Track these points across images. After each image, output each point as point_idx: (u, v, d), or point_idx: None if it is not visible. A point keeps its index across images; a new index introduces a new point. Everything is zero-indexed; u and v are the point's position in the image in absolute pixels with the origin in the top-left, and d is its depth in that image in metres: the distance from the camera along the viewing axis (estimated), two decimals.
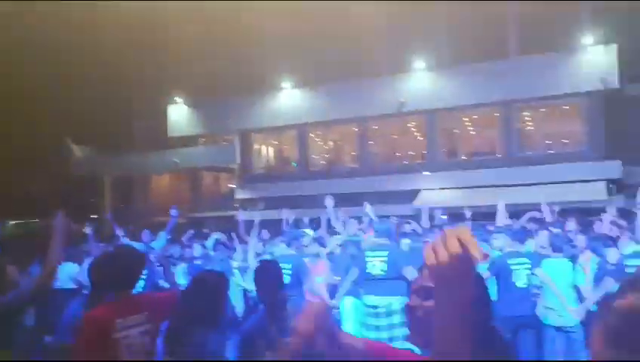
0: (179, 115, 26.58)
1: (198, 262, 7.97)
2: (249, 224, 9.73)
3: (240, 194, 25.13)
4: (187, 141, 27.11)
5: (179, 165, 26.21)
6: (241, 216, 10.06)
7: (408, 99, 21.89)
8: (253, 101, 24.52)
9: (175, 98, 26.37)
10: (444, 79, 21.62)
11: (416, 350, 1.68)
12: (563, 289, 5.95)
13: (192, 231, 10.46)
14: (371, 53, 22.41)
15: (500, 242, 6.35)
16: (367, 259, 6.44)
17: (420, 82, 21.96)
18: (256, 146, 26.75)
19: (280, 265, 6.64)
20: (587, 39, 19.54)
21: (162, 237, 8.13)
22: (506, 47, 21.37)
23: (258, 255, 7.71)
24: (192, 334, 2.80)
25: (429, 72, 21.90)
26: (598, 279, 6.04)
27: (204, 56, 24.80)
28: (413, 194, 21.17)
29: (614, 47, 19.09)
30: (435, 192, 21.02)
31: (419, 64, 21.91)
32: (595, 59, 19.45)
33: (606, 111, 19.79)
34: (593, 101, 19.99)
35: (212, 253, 8.13)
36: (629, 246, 6.29)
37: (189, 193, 28.59)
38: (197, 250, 8.34)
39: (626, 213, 11.95)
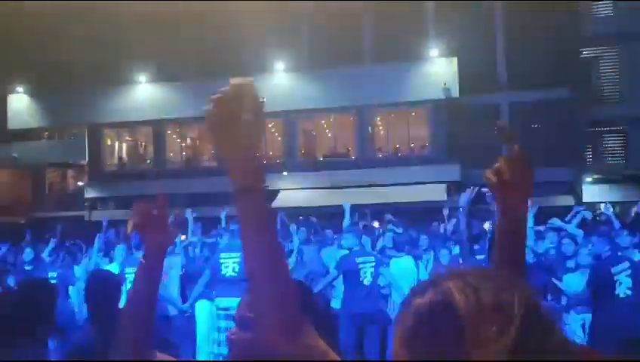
0: (20, 105, 24.35)
1: (28, 267, 7.36)
2: (99, 225, 9.21)
3: (90, 193, 23.65)
4: (29, 134, 24.93)
5: (17, 161, 24.01)
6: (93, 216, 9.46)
7: (267, 99, 22.02)
8: (104, 94, 23.19)
9: (16, 87, 24.14)
10: (303, 82, 22.13)
11: None
12: (407, 287, 6.40)
13: (28, 234, 9.56)
14: (231, 52, 22.24)
15: (349, 242, 6.63)
16: (221, 261, 6.41)
17: (280, 84, 22.26)
18: (107, 142, 25.32)
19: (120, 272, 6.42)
20: (433, 51, 21.12)
21: None
22: (362, 54, 22.37)
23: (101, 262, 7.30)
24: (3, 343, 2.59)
25: (287, 73, 22.27)
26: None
27: (51, 43, 22.94)
28: (273, 194, 21.39)
29: (455, 60, 20.85)
30: (294, 193, 21.43)
31: (278, 65, 22.20)
32: (438, 70, 21.09)
33: (447, 118, 21.52)
34: (436, 109, 21.64)
35: (47, 258, 7.57)
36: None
37: (30, 191, 26.28)
38: (28, 254, 7.67)
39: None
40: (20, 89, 24.18)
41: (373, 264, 6.34)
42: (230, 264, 6.37)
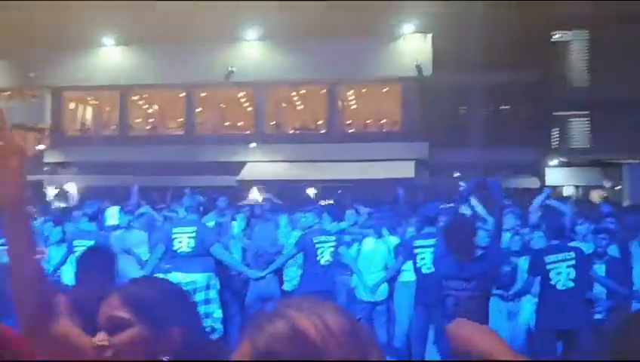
0: None
1: None
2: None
3: (50, 158, 22.98)
4: None
5: None
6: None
7: (238, 68, 21.64)
8: (67, 55, 22.39)
9: None
10: (274, 52, 21.72)
11: None
12: (374, 266, 6.35)
13: None
14: (203, 18, 21.60)
15: (309, 220, 6.51)
16: (174, 236, 6.22)
17: (251, 53, 21.83)
18: (70, 105, 24.54)
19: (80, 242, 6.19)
20: (407, 27, 20.89)
21: None
22: (336, 27, 21.97)
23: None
24: None
25: (260, 42, 21.83)
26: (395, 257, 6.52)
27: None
28: (240, 166, 21.13)
29: (429, 36, 20.70)
30: (261, 165, 21.19)
31: (251, 34, 21.73)
32: (413, 47, 20.91)
33: (419, 96, 21.44)
34: (408, 86, 21.52)
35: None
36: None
37: None
38: None
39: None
40: None
41: (333, 244, 6.22)
42: (185, 239, 6.18)
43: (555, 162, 21.16)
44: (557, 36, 21.15)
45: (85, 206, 6.74)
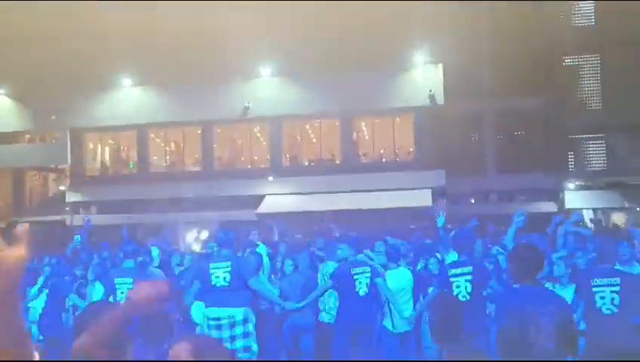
0: (1, 107, 23.98)
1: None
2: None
3: (72, 198, 23.32)
4: (10, 137, 24.53)
5: None
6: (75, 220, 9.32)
7: (254, 104, 22.03)
8: (88, 97, 22.94)
9: None
10: (289, 87, 22.11)
11: None
12: (403, 297, 6.39)
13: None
14: (218, 56, 22.12)
15: (345, 251, 6.52)
16: (211, 271, 6.33)
17: (266, 88, 22.23)
18: (90, 146, 25.01)
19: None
20: (418, 58, 21.22)
21: None
22: (347, 60, 22.39)
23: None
24: None
25: (274, 78, 22.25)
26: (423, 288, 6.59)
27: (35, 45, 22.59)
28: (258, 199, 21.32)
29: (441, 66, 20.99)
30: (279, 198, 21.37)
31: (265, 71, 22.19)
32: (424, 77, 21.19)
33: (433, 125, 21.64)
34: (422, 115, 21.73)
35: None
36: (451, 255, 6.89)
37: (11, 195, 25.83)
38: None
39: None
40: (1, 90, 23.80)
41: (368, 274, 6.26)
42: (221, 274, 6.29)
43: (572, 185, 21.14)
44: (569, 60, 21.36)
45: (124, 245, 6.90)
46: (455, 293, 5.41)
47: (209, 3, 20.37)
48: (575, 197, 21.05)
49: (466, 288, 5.44)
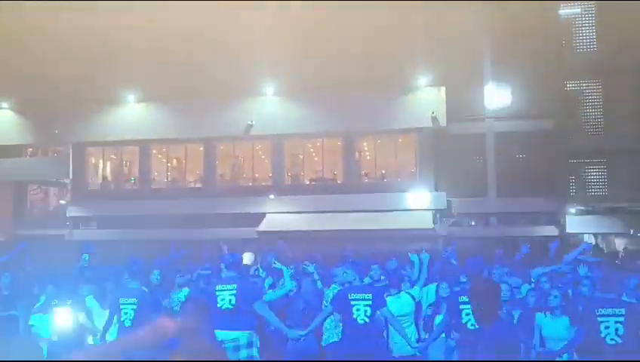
0: (4, 121, 24.06)
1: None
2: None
3: (72, 212, 23.29)
4: (12, 150, 24.58)
5: None
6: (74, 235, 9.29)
7: (256, 122, 22.12)
8: (90, 112, 23.04)
9: (1, 103, 23.87)
10: (291, 106, 22.22)
11: None
12: (404, 322, 6.35)
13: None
14: (220, 74, 22.27)
15: (349, 276, 6.42)
16: (217, 293, 6.30)
17: (269, 107, 22.33)
18: (92, 160, 25.04)
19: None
20: (421, 80, 21.37)
21: None
22: (350, 81, 22.54)
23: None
24: None
25: (277, 97, 22.37)
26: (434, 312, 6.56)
27: (38, 60, 22.73)
28: (259, 217, 21.30)
29: (443, 88, 21.12)
30: (280, 216, 21.35)
31: (268, 89, 22.32)
32: (427, 98, 21.32)
33: (435, 146, 21.69)
34: (424, 137, 21.80)
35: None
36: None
37: (12, 209, 25.77)
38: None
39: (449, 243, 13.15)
40: (4, 104, 23.89)
41: (369, 303, 6.08)
42: (226, 296, 6.26)
43: (573, 210, 21.13)
44: (571, 85, 21.49)
45: (130, 263, 6.88)
46: (464, 321, 5.38)
47: (213, 22, 20.57)
48: (576, 222, 21.03)
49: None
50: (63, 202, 25.35)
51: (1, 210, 25.26)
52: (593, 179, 21.89)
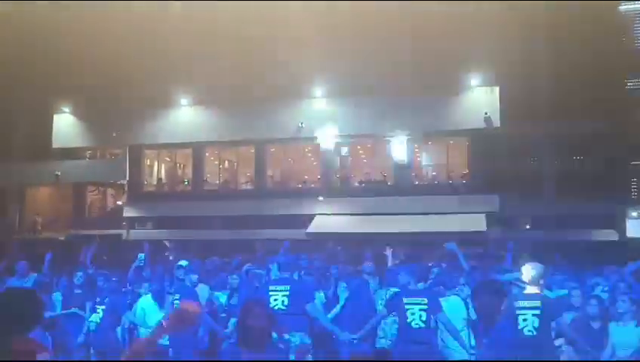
0: (65, 125, 25.03)
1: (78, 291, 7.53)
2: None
3: (128, 212, 24.01)
4: (72, 153, 25.55)
5: (60, 178, 24.56)
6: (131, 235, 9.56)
7: (306, 123, 22.22)
8: (146, 115, 23.68)
9: (62, 107, 24.84)
10: (340, 108, 22.19)
11: None
12: (458, 326, 6.24)
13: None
14: (272, 77, 22.48)
15: (405, 278, 6.37)
16: (270, 293, 6.35)
17: (318, 109, 22.39)
18: (147, 162, 25.76)
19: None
20: (474, 81, 20.96)
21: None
22: (401, 82, 22.32)
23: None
24: None
25: (327, 99, 22.40)
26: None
27: (97, 67, 23.53)
28: (308, 219, 21.39)
29: (497, 89, 20.66)
30: (329, 218, 21.37)
31: (317, 91, 22.38)
32: (479, 99, 20.90)
33: (488, 148, 21.24)
34: (477, 138, 21.39)
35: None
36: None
37: (72, 209, 26.83)
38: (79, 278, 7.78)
39: (502, 245, 12.83)
40: (65, 109, 24.85)
41: (425, 307, 5.99)
42: (279, 296, 6.30)
43: (634, 213, 20.28)
44: (631, 84, 20.66)
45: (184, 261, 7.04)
46: (521, 327, 5.24)
47: (265, 26, 20.76)
48: (636, 226, 20.17)
49: (533, 322, 5.29)
50: (119, 203, 26.16)
51: (62, 210, 26.34)
52: None
